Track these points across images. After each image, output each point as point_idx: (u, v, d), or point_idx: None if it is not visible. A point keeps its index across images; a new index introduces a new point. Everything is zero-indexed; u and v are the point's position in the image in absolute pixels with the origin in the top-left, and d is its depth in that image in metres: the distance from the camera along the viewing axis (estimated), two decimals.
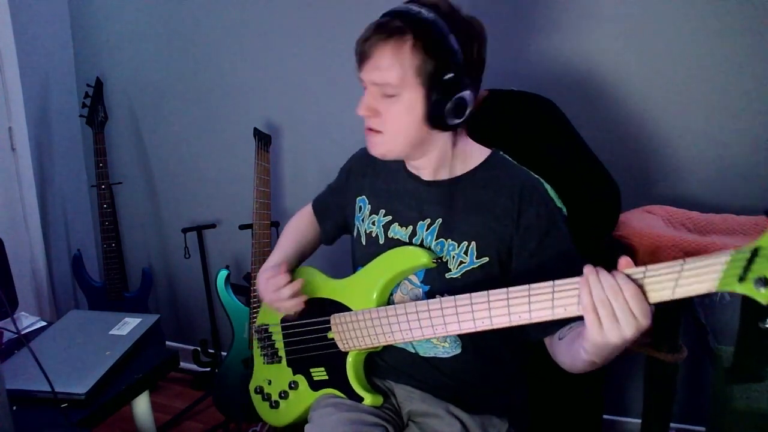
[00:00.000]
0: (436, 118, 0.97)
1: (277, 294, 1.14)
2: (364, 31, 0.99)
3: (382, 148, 1.03)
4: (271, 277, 1.15)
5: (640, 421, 1.50)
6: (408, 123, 0.99)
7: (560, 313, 0.83)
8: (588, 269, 0.78)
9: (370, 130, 1.02)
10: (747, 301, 1.30)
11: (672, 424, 1.52)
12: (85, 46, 2.36)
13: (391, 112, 0.99)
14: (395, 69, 0.95)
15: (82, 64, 2.37)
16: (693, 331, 1.55)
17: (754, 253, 0.66)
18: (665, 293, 0.74)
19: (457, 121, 0.98)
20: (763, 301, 0.66)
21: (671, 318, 1.35)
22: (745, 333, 1.33)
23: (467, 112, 0.99)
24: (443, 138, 1.04)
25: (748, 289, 0.66)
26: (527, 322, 0.87)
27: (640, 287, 0.75)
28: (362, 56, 0.98)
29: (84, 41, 2.35)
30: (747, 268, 0.66)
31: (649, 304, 0.75)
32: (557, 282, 0.83)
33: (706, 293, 0.70)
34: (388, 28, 0.95)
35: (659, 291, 0.74)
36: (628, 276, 0.76)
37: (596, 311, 0.76)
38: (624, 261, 0.78)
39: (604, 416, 1.85)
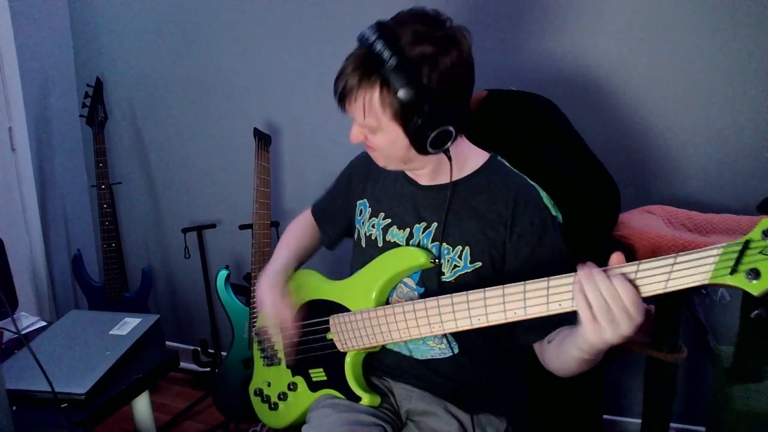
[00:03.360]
0: (420, 147, 0.96)
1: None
2: (339, 72, 0.98)
3: (381, 161, 1.08)
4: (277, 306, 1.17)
5: (640, 421, 1.50)
6: (395, 149, 1.00)
7: (555, 309, 0.84)
8: (582, 272, 0.79)
9: (367, 146, 1.06)
10: (747, 301, 1.30)
11: (672, 424, 1.52)
12: (85, 46, 2.36)
13: (377, 142, 1.01)
14: (369, 116, 0.96)
15: (82, 64, 2.37)
16: (693, 331, 1.55)
17: (745, 245, 0.67)
18: (657, 287, 0.75)
19: (445, 147, 0.97)
20: (754, 291, 0.67)
21: (671, 318, 1.35)
22: (745, 333, 1.33)
23: (453, 137, 0.96)
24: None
25: (739, 280, 0.68)
26: (522, 318, 0.88)
27: (636, 288, 0.76)
28: (340, 97, 0.99)
29: (84, 41, 2.35)
30: (738, 261, 0.68)
31: (643, 300, 0.76)
32: (551, 279, 0.84)
33: (699, 286, 0.71)
34: (353, 77, 0.94)
35: (651, 285, 0.75)
36: (624, 276, 0.76)
37: (594, 316, 0.77)
38: (616, 257, 0.78)
39: (604, 416, 1.85)
